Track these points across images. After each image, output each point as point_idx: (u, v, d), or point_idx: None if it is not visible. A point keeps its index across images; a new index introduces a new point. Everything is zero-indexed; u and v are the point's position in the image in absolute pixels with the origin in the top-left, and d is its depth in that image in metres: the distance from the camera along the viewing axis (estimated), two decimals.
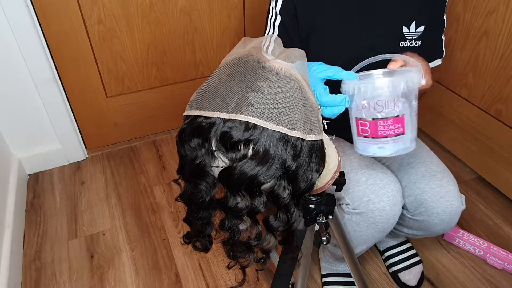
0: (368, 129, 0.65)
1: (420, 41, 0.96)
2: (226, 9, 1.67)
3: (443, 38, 1.02)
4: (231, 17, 1.70)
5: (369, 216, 0.93)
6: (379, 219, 0.93)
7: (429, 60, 1.02)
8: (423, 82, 0.65)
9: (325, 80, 0.66)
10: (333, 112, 0.63)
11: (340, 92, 0.66)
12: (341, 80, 0.66)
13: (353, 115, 0.66)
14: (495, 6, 1.33)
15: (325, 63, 0.76)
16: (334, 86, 0.67)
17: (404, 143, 0.65)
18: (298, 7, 0.91)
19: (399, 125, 0.64)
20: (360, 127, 0.66)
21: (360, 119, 0.65)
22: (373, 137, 0.65)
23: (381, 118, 0.63)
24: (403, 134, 0.65)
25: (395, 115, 0.63)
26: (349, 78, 0.64)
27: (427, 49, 1.00)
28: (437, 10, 0.96)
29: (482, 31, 1.41)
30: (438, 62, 1.03)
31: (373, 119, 0.64)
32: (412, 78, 0.62)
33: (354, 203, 0.94)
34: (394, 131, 0.64)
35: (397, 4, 0.93)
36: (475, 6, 1.40)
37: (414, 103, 0.65)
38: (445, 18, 0.99)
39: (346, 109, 0.66)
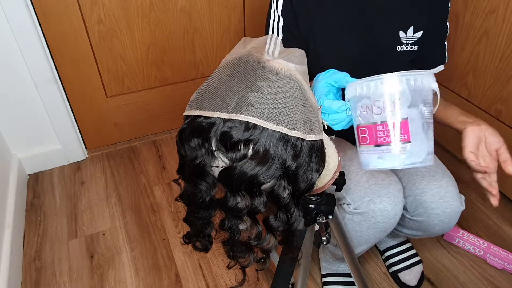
0: (367, 136, 0.57)
1: (417, 46, 0.95)
2: (226, 9, 1.67)
3: (445, 44, 1.01)
4: (231, 17, 1.70)
5: (371, 216, 0.93)
6: (380, 219, 0.93)
7: (432, 66, 1.02)
8: (434, 86, 0.57)
9: (331, 88, 0.64)
10: (334, 119, 0.60)
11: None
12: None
13: (354, 124, 0.60)
14: (495, 5, 1.33)
15: (323, 65, 0.76)
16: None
17: (411, 153, 0.56)
18: (296, 6, 0.91)
19: (402, 130, 0.55)
20: (360, 136, 0.59)
21: (359, 125, 0.59)
22: (373, 145, 0.57)
23: (380, 122, 0.56)
24: (408, 142, 0.56)
25: (397, 119, 0.55)
26: (351, 80, 0.61)
27: (430, 55, 1.00)
28: (440, 16, 0.95)
29: (482, 31, 1.41)
30: (441, 68, 1.03)
31: (371, 123, 0.57)
32: (421, 79, 0.55)
33: (356, 203, 0.94)
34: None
35: (395, 9, 0.92)
36: (475, 5, 1.40)
37: (425, 109, 0.56)
38: (448, 24, 0.98)
39: None
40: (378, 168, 0.58)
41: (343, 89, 0.64)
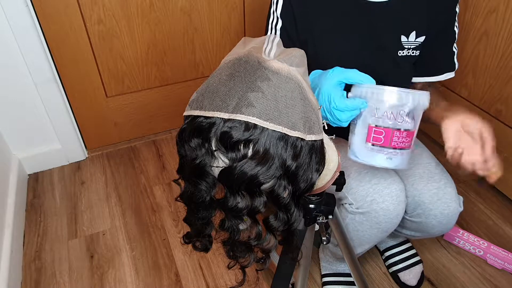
0: (383, 138, 0.65)
1: (418, 51, 0.93)
2: (226, 9, 1.67)
3: (454, 50, 0.97)
4: (231, 17, 1.70)
5: (373, 216, 0.93)
6: (382, 219, 0.93)
7: (440, 73, 0.99)
8: (427, 105, 0.66)
9: (343, 85, 0.66)
10: (351, 116, 0.63)
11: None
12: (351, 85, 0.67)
13: (366, 122, 0.66)
14: (495, 5, 1.33)
15: (322, 68, 0.76)
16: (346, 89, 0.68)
17: (406, 159, 0.66)
18: (295, 8, 0.91)
19: (409, 139, 0.65)
20: (373, 135, 0.66)
21: (377, 126, 0.65)
22: (384, 147, 0.65)
23: (399, 129, 0.64)
24: (409, 149, 0.66)
25: (411, 129, 0.64)
26: (367, 82, 0.65)
27: (436, 62, 0.97)
28: (445, 21, 0.93)
29: (482, 31, 1.41)
30: (450, 75, 0.99)
31: (391, 128, 0.64)
32: (425, 98, 0.65)
33: (358, 202, 0.94)
34: (404, 144, 0.65)
35: (397, 12, 0.90)
36: (475, 5, 1.40)
37: (417, 125, 0.66)
38: (456, 29, 0.95)
39: None
40: (382, 166, 0.67)
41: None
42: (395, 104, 0.63)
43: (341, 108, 0.63)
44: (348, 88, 0.69)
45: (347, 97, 0.68)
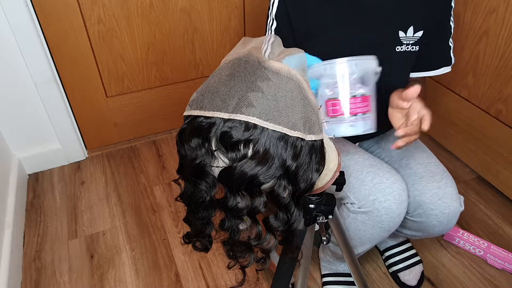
0: (339, 108, 0.68)
1: (418, 46, 0.94)
2: (226, 9, 1.67)
3: (450, 44, 0.98)
4: (231, 17, 1.70)
5: (375, 215, 0.93)
6: (385, 218, 0.93)
7: (436, 67, 1.00)
8: (379, 70, 0.71)
9: None
10: None
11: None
12: None
13: (323, 99, 0.70)
14: (495, 5, 1.33)
15: None
16: None
17: (371, 122, 0.70)
18: (290, 9, 0.91)
19: (366, 103, 0.69)
20: (331, 108, 0.69)
21: (331, 99, 0.69)
22: (343, 116, 0.69)
23: (354, 96, 0.68)
24: (369, 112, 0.69)
25: (366, 93, 0.68)
26: (315, 62, 0.68)
27: (433, 56, 0.98)
28: (442, 16, 0.93)
29: (482, 31, 1.41)
30: (446, 69, 1.00)
31: (346, 97, 0.68)
32: (372, 62, 0.71)
33: (360, 202, 0.94)
34: (363, 109, 0.69)
35: (393, 8, 0.90)
36: (475, 5, 1.40)
37: (373, 88, 0.70)
38: (451, 24, 0.95)
39: None
40: (349, 134, 0.70)
41: None
42: (344, 74, 0.67)
43: None
44: None
45: None
